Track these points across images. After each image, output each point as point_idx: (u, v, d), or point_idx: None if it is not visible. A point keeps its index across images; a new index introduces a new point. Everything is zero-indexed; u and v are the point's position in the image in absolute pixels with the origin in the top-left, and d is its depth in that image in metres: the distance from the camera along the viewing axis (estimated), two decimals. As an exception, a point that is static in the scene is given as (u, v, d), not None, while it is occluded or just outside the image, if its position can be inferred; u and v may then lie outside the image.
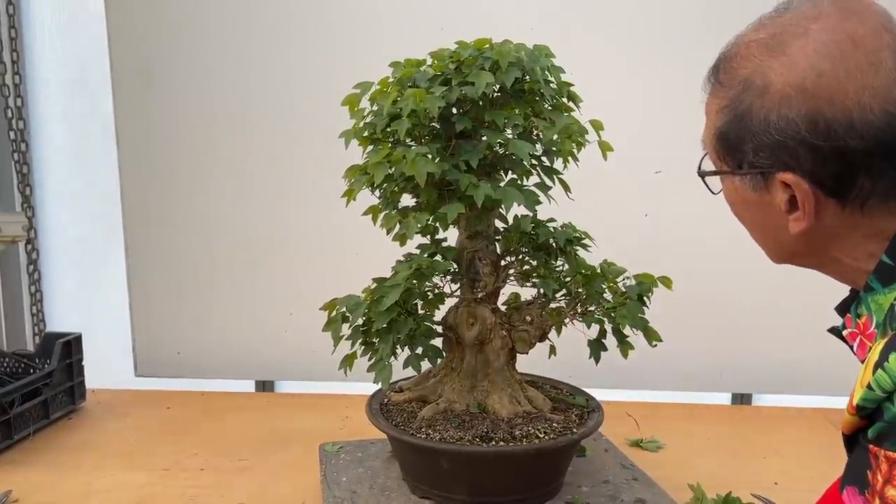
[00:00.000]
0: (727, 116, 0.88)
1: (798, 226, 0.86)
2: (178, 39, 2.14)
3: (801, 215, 0.85)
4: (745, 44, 0.89)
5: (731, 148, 0.89)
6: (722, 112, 0.89)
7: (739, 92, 0.87)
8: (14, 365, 1.95)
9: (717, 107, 0.91)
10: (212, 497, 1.50)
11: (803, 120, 0.80)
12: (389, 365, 1.32)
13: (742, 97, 0.86)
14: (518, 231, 1.43)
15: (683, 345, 2.04)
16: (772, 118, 0.82)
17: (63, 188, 2.39)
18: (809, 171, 0.82)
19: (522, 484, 1.37)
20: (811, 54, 0.81)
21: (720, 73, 0.92)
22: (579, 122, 1.36)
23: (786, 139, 0.82)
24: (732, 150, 0.89)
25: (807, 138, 0.80)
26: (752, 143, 0.85)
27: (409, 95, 1.28)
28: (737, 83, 0.87)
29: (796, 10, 0.87)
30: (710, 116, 0.94)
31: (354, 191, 1.37)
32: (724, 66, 0.91)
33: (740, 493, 1.42)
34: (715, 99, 0.92)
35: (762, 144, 0.84)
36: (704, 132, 0.97)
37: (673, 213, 2.09)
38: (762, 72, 0.84)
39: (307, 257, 2.18)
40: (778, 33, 0.85)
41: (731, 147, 0.89)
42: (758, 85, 0.84)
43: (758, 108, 0.84)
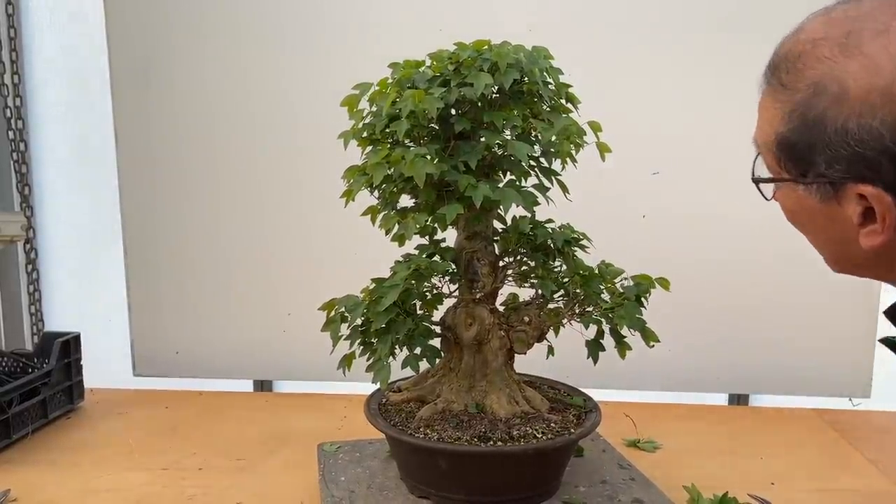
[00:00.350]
0: (794, 122, 0.80)
1: (873, 240, 0.80)
2: (177, 39, 2.14)
3: (878, 229, 0.78)
4: (812, 41, 0.80)
5: (798, 156, 0.82)
6: (787, 117, 0.81)
7: (809, 97, 0.78)
8: (12, 364, 1.95)
9: (779, 111, 0.83)
10: (210, 497, 1.51)
11: (888, 129, 0.73)
12: (388, 365, 1.32)
13: (813, 102, 0.78)
14: (516, 232, 1.44)
15: (681, 345, 2.06)
16: (850, 127, 0.75)
17: (62, 188, 2.39)
18: (891, 182, 0.75)
19: (520, 484, 1.37)
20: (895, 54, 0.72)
21: (782, 74, 0.83)
22: (577, 124, 1.36)
23: (866, 150, 0.74)
24: (799, 158, 0.82)
25: (891, 148, 0.73)
26: (825, 154, 0.78)
27: (408, 96, 1.28)
28: (805, 86, 0.79)
29: (870, 2, 0.78)
30: (769, 119, 0.86)
31: (353, 191, 1.38)
32: (788, 67, 0.82)
33: (737, 494, 1.42)
34: (776, 102, 0.84)
35: (838, 156, 0.77)
36: (759, 133, 0.90)
37: (671, 214, 2.09)
38: (836, 75, 0.76)
39: (306, 257, 2.18)
40: (853, 31, 0.76)
41: (797, 155, 0.82)
42: (832, 90, 0.76)
43: (833, 115, 0.76)
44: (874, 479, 1.63)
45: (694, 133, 2.08)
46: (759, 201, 2.17)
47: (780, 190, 0.89)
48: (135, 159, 2.20)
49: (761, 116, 0.88)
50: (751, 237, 2.07)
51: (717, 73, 2.06)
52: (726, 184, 2.08)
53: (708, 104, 2.07)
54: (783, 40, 0.86)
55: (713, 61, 2.05)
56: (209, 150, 2.17)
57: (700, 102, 2.07)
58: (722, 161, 2.07)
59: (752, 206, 2.04)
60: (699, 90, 2.06)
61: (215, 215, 2.20)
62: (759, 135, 0.89)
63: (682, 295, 1.54)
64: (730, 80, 2.04)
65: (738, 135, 2.04)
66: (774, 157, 0.86)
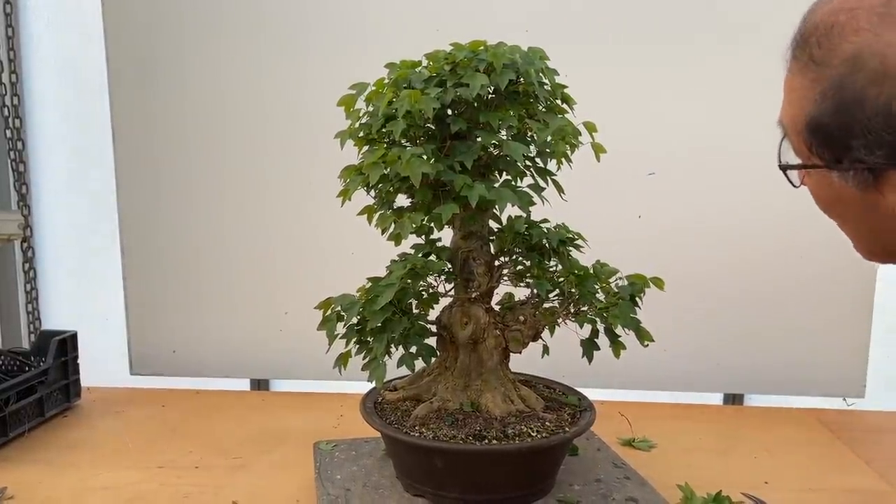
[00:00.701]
0: (827, 103, 0.72)
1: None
2: (175, 38, 2.15)
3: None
4: (847, 10, 0.71)
5: (832, 141, 0.74)
6: (820, 97, 0.73)
7: (845, 73, 0.70)
8: (9, 363, 1.95)
9: (810, 89, 0.74)
10: (206, 495, 1.51)
11: None
12: (384, 364, 1.33)
13: (849, 80, 0.70)
14: (512, 231, 1.44)
15: (676, 345, 2.07)
16: (894, 107, 0.67)
17: (59, 186, 2.39)
18: None
19: (515, 482, 1.38)
20: None
21: (813, 48, 0.74)
22: (573, 124, 1.37)
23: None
24: (833, 143, 0.74)
25: None
26: (864, 138, 0.70)
27: (405, 96, 1.29)
28: (840, 62, 0.70)
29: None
30: (798, 99, 0.77)
31: (350, 191, 1.38)
32: (820, 40, 0.73)
33: (731, 493, 1.43)
34: (805, 79, 0.75)
35: (879, 140, 0.69)
36: (785, 115, 0.80)
37: (666, 214, 2.10)
38: (878, 49, 0.67)
39: (302, 257, 2.19)
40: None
41: (831, 140, 0.74)
42: (872, 66, 0.68)
43: (874, 94, 0.68)
44: (868, 478, 1.64)
45: (689, 134, 2.09)
46: (755, 202, 2.19)
47: (810, 177, 0.81)
48: (132, 158, 2.20)
49: (788, 96, 0.79)
50: (745, 237, 2.08)
51: (713, 73, 2.07)
52: (722, 184, 2.10)
53: (704, 105, 2.08)
54: (811, 8, 0.77)
55: (709, 62, 2.06)
56: (207, 149, 2.18)
57: (696, 103, 2.08)
58: (717, 161, 2.10)
59: (746, 206, 2.07)
60: (695, 91, 2.07)
61: (212, 214, 2.20)
62: (786, 116, 0.80)
63: (677, 295, 1.55)
64: (726, 81, 2.07)
65: (734, 135, 2.07)
66: (804, 142, 0.77)
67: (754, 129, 2.06)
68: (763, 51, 2.05)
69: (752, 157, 2.07)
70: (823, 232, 1.02)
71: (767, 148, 2.17)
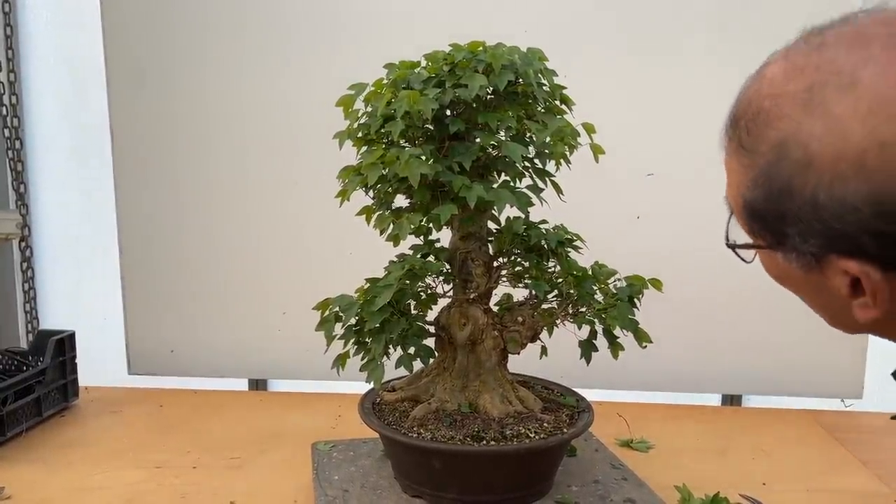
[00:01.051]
0: (759, 190, 0.70)
1: (867, 314, 0.69)
2: (173, 38, 2.14)
3: (869, 302, 0.68)
4: (772, 96, 0.68)
5: (769, 226, 0.72)
6: (752, 183, 0.70)
7: (772, 161, 0.67)
8: (7, 362, 1.95)
9: (743, 174, 0.72)
10: (204, 495, 1.51)
11: (865, 202, 0.61)
12: (382, 364, 1.33)
13: (777, 169, 0.67)
14: (510, 232, 1.44)
15: (673, 346, 2.06)
16: (821, 199, 0.64)
17: (57, 186, 2.39)
18: (878, 256, 0.64)
19: (513, 483, 1.38)
20: (867, 116, 0.61)
21: (742, 133, 0.71)
22: (571, 125, 1.37)
23: (843, 225, 0.63)
24: (770, 228, 0.72)
25: (872, 224, 0.62)
26: (796, 227, 0.67)
27: (403, 97, 1.29)
28: (766, 149, 0.68)
29: (835, 45, 0.66)
30: (736, 182, 0.75)
31: (348, 191, 1.38)
32: (748, 125, 0.70)
33: (728, 494, 1.43)
34: (738, 165, 0.73)
35: (811, 229, 0.66)
36: (728, 193, 0.78)
37: (664, 215, 2.10)
38: (800, 139, 0.65)
39: (300, 257, 2.19)
40: (816, 84, 0.65)
41: (768, 225, 0.72)
42: (796, 156, 0.65)
43: (800, 184, 0.65)
44: (865, 479, 1.64)
45: (688, 135, 2.09)
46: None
47: (760, 256, 0.79)
48: (130, 158, 2.20)
49: (728, 176, 0.77)
50: (744, 239, 2.08)
51: (711, 74, 2.06)
52: (720, 186, 2.10)
53: (703, 106, 2.07)
54: (742, 89, 0.75)
55: (707, 62, 2.06)
56: (205, 149, 2.17)
57: (695, 104, 2.08)
58: (716, 163, 2.09)
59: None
60: (694, 92, 2.07)
61: (210, 214, 2.20)
62: (729, 196, 0.78)
63: (675, 296, 1.55)
64: (725, 81, 2.06)
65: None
66: (746, 223, 0.75)
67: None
68: (763, 51, 2.06)
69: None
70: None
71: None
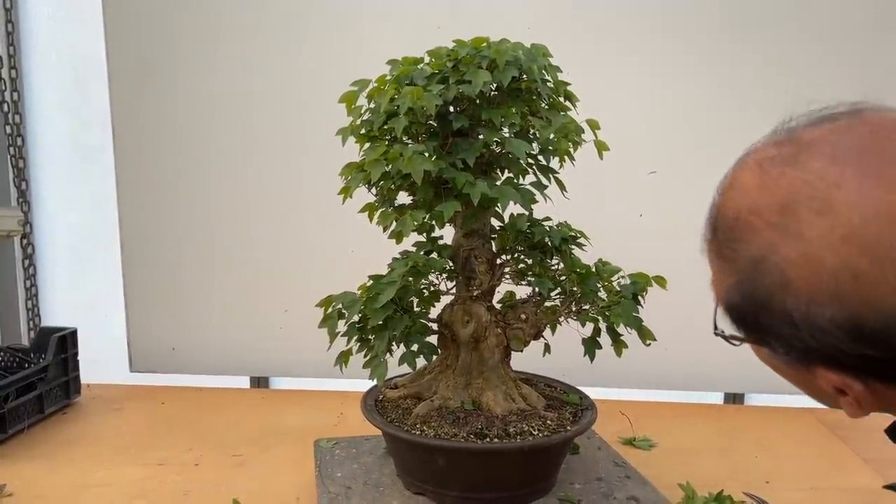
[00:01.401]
0: (739, 298, 0.69)
1: (855, 412, 0.69)
2: (175, 34, 2.14)
3: (854, 403, 0.68)
4: (747, 209, 0.67)
5: (749, 329, 0.71)
6: (732, 288, 0.70)
7: (750, 275, 0.66)
8: (9, 359, 1.95)
9: (723, 276, 0.72)
10: (206, 492, 1.51)
11: (842, 327, 0.61)
12: (385, 361, 1.33)
13: (755, 282, 0.66)
14: (514, 229, 1.44)
15: (676, 344, 2.05)
16: (796, 318, 0.63)
17: (59, 183, 2.38)
18: (859, 371, 0.64)
19: (516, 480, 1.38)
20: (840, 245, 0.60)
21: (721, 242, 0.71)
22: (576, 122, 1.37)
23: (821, 345, 0.63)
24: (750, 331, 0.71)
25: (851, 346, 0.61)
26: (778, 338, 0.67)
27: (407, 93, 1.28)
28: (744, 262, 0.67)
29: (808, 159, 0.64)
30: (716, 279, 0.74)
31: (351, 188, 1.38)
32: (726, 234, 0.70)
33: (732, 492, 1.43)
34: (719, 269, 0.73)
35: (790, 344, 0.66)
36: (712, 286, 0.77)
37: (667, 213, 2.10)
38: (776, 261, 0.64)
39: (302, 254, 2.18)
40: (789, 204, 0.63)
41: (748, 328, 0.71)
42: (773, 277, 0.64)
43: (779, 301, 0.64)
44: (868, 477, 1.64)
45: (691, 133, 2.09)
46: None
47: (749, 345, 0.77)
48: (132, 155, 2.19)
49: (711, 272, 0.76)
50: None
51: (715, 72, 2.07)
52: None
53: (706, 103, 2.08)
54: (719, 188, 0.74)
55: (712, 61, 2.06)
56: (206, 146, 2.17)
57: (698, 101, 2.08)
58: (719, 160, 2.08)
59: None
60: (697, 89, 2.07)
61: (212, 212, 2.20)
62: (713, 288, 0.77)
63: (678, 294, 1.55)
64: (729, 80, 2.06)
65: (736, 134, 2.06)
66: (730, 320, 0.74)
67: (758, 127, 2.07)
68: (766, 50, 2.06)
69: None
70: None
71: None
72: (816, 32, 2.03)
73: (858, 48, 2.02)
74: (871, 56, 2.01)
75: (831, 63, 2.02)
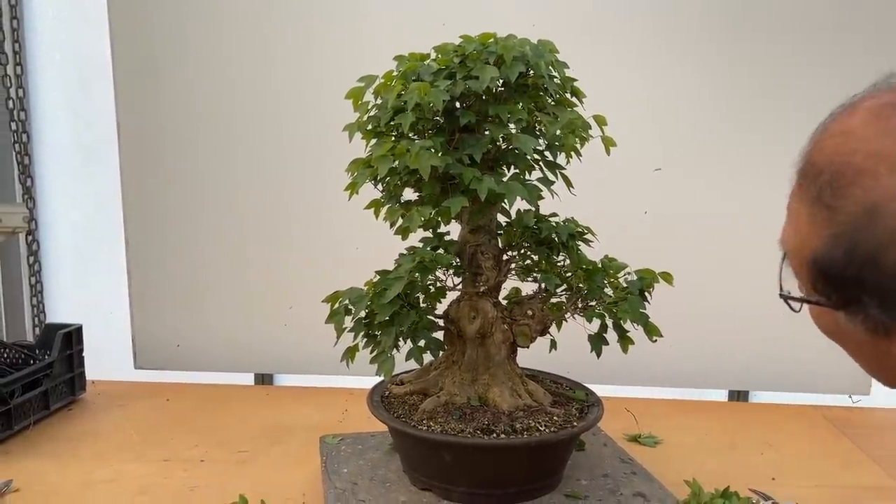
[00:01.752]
0: (838, 251, 0.64)
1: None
2: (180, 32, 2.14)
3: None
4: (863, 153, 0.62)
5: (841, 288, 0.66)
6: (829, 241, 0.65)
7: (859, 226, 0.62)
8: (15, 356, 1.95)
9: (818, 227, 0.66)
10: (212, 488, 1.51)
11: None
12: (392, 357, 1.33)
13: (863, 235, 0.61)
14: (520, 225, 1.44)
15: (682, 342, 2.06)
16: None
17: (64, 180, 2.38)
18: None
19: (523, 476, 1.38)
20: None
21: (823, 189, 0.65)
22: (583, 118, 1.36)
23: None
24: (842, 290, 0.66)
25: None
26: (877, 296, 0.63)
27: (414, 89, 1.28)
28: (853, 211, 0.62)
29: None
30: (804, 232, 0.68)
31: (358, 184, 1.38)
32: (830, 180, 0.64)
33: (738, 488, 1.42)
34: (811, 218, 0.67)
35: (893, 301, 0.62)
36: (788, 240, 0.72)
37: (672, 210, 2.10)
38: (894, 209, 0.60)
39: (307, 251, 2.18)
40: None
41: (840, 287, 0.66)
42: (890, 225, 0.60)
43: (890, 257, 0.60)
44: (874, 474, 1.64)
45: (697, 130, 2.09)
46: (761, 198, 2.18)
47: (813, 308, 0.73)
48: (137, 152, 2.20)
49: (792, 222, 0.71)
50: (752, 234, 2.07)
51: (722, 70, 2.07)
52: (728, 181, 2.10)
53: (712, 101, 2.08)
54: (819, 137, 0.68)
55: (718, 59, 2.06)
56: (211, 143, 2.17)
57: (704, 99, 2.07)
58: (724, 158, 2.09)
59: (753, 202, 2.06)
60: (704, 87, 2.07)
61: (217, 208, 2.20)
62: (790, 240, 0.72)
63: (684, 291, 1.55)
64: (735, 79, 2.06)
65: (741, 133, 2.06)
66: (809, 276, 0.69)
67: (762, 125, 2.07)
68: (769, 47, 2.06)
69: (758, 153, 2.07)
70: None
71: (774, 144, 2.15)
72: (822, 32, 2.03)
73: (858, 47, 2.02)
74: (871, 55, 2.01)
75: (838, 62, 2.02)
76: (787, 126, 2.05)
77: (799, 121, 2.29)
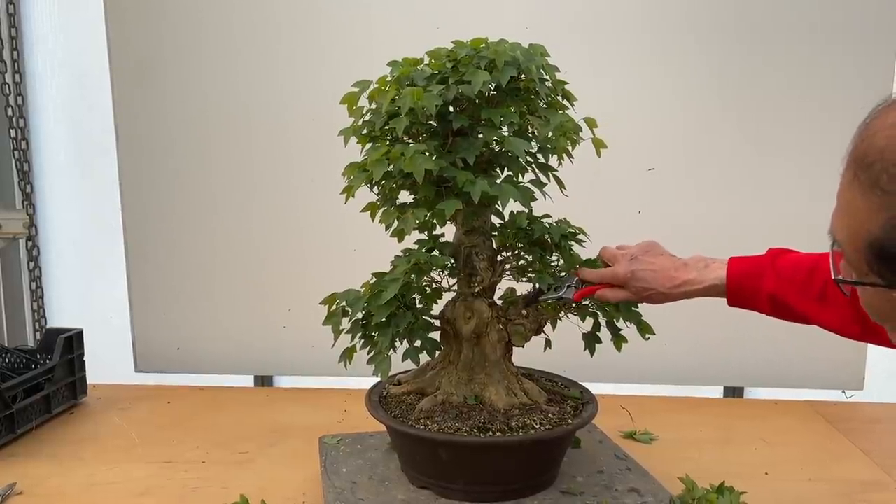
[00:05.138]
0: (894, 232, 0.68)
1: None
2: (177, 37, 2.16)
3: None
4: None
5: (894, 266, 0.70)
6: (888, 224, 0.68)
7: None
8: (16, 360, 1.97)
9: (875, 212, 0.69)
10: (213, 489, 1.53)
11: None
12: (388, 357, 1.34)
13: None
14: (514, 227, 1.45)
15: (676, 339, 2.07)
16: None
17: (63, 185, 2.41)
18: None
19: (519, 474, 1.40)
20: None
21: (880, 175, 0.68)
22: (574, 120, 1.38)
23: None
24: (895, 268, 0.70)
25: None
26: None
27: (407, 94, 1.30)
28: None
29: None
30: (859, 217, 0.72)
31: (353, 187, 1.39)
32: (887, 167, 0.68)
33: (732, 484, 1.44)
34: (868, 201, 0.70)
35: None
36: (841, 227, 0.76)
37: (665, 209, 2.12)
38: None
39: (305, 253, 2.20)
40: None
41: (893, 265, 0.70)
42: None
43: None
44: (867, 468, 1.66)
45: (689, 130, 2.11)
46: (753, 197, 2.20)
47: (866, 290, 0.76)
48: (135, 157, 2.21)
49: (845, 208, 0.74)
50: (745, 232, 2.09)
51: (713, 70, 2.09)
52: (721, 180, 2.12)
53: (703, 102, 2.10)
54: (871, 124, 0.71)
55: (709, 59, 2.08)
56: (209, 146, 2.19)
57: (696, 99, 2.10)
58: (716, 158, 2.11)
59: (746, 201, 2.08)
60: (695, 88, 2.09)
61: (215, 212, 2.22)
62: (842, 228, 0.75)
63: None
64: (726, 79, 2.08)
65: (734, 132, 2.08)
66: (863, 259, 0.72)
67: (755, 124, 2.09)
68: (763, 47, 2.08)
69: (752, 152, 2.09)
70: (821, 226, 1.03)
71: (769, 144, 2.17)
72: (812, 32, 2.05)
73: (849, 51, 2.04)
74: (870, 55, 2.03)
75: (825, 63, 2.04)
76: (779, 126, 2.09)
77: (790, 121, 2.32)
